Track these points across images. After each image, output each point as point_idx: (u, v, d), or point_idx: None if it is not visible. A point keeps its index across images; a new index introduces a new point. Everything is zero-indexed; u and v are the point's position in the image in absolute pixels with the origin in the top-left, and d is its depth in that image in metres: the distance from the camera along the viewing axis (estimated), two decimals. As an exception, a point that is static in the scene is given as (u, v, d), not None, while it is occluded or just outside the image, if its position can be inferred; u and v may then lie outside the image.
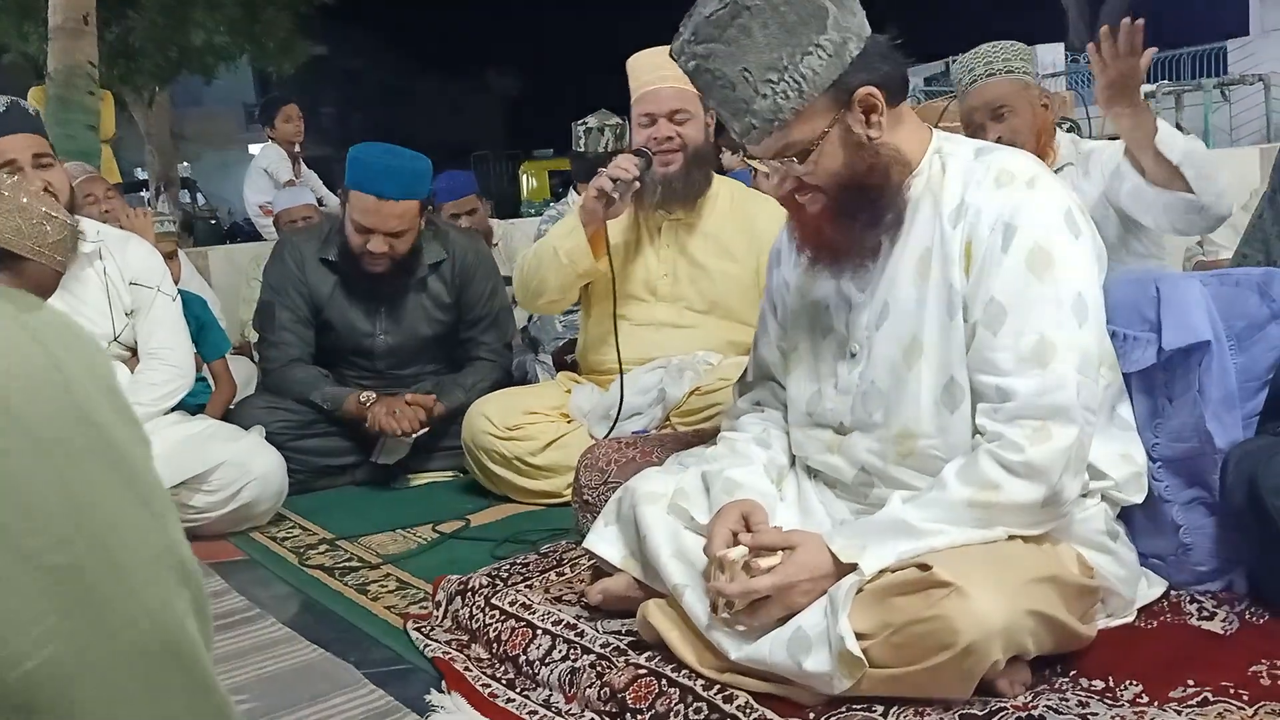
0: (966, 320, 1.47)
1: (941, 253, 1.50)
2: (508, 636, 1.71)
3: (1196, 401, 1.56)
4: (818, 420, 1.64)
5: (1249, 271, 1.66)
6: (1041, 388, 1.39)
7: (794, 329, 1.70)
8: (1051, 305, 1.42)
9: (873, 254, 1.54)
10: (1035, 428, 1.39)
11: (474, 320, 3.15)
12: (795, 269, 1.70)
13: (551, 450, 2.66)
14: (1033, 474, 1.38)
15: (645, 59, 2.63)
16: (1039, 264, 1.42)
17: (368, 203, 2.86)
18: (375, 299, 3.07)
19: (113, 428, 0.60)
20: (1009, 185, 1.47)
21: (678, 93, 2.57)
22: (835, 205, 1.51)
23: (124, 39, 11.15)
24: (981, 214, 1.46)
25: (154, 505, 0.62)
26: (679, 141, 2.58)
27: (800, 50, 1.41)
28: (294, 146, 5.69)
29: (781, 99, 1.43)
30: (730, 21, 1.41)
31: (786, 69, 1.41)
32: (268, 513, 2.65)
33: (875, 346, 1.55)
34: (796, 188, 1.52)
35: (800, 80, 1.42)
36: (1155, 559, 1.63)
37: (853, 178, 1.49)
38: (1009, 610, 1.28)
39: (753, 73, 1.42)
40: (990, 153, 1.54)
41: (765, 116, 1.44)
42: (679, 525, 1.61)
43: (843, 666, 1.31)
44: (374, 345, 3.10)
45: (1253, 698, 1.31)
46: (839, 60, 1.43)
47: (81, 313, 2.59)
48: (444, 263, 3.08)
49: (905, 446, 1.53)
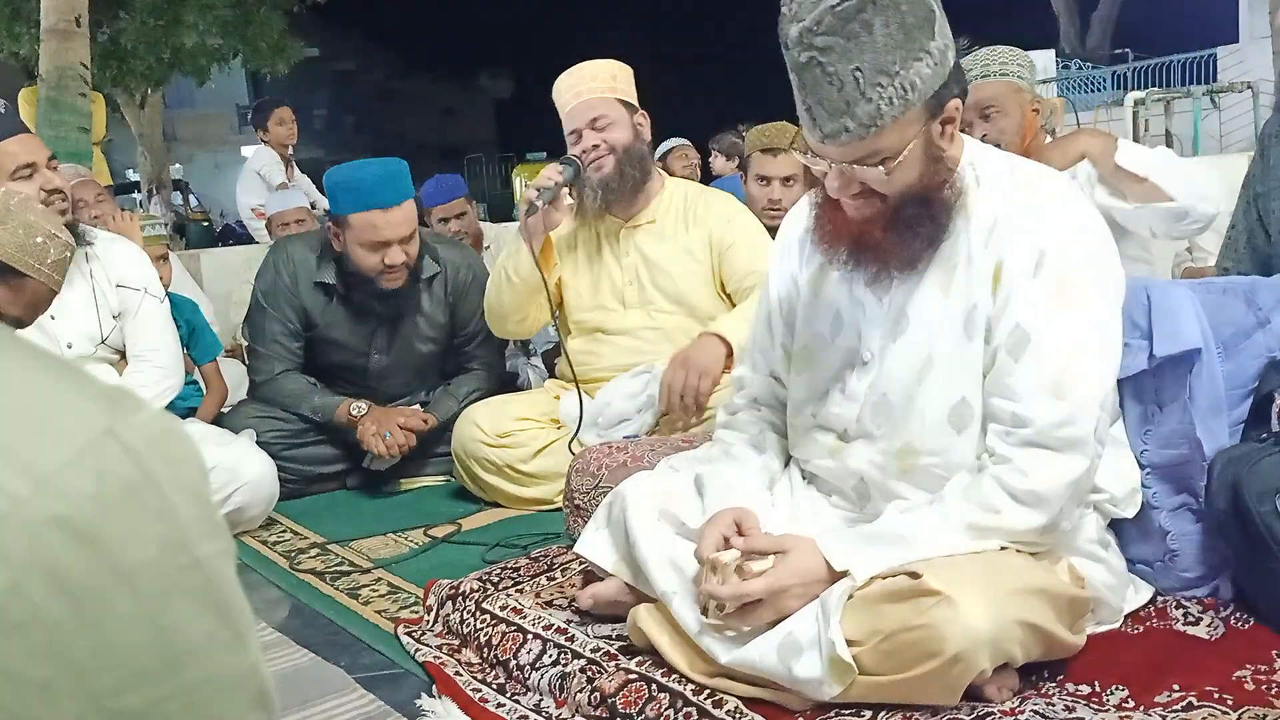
0: (988, 342, 1.45)
1: (968, 271, 1.47)
2: (498, 641, 1.72)
3: (1186, 408, 1.57)
4: (821, 424, 1.63)
5: (1236, 280, 1.67)
6: (1060, 419, 1.38)
7: (802, 329, 1.67)
8: (1077, 337, 1.40)
9: (911, 265, 1.50)
10: (1045, 457, 1.38)
11: (468, 336, 3.13)
12: (806, 268, 1.66)
13: (542, 457, 2.67)
14: (1036, 502, 1.38)
15: (562, 84, 2.71)
16: (1068, 294, 1.41)
17: (373, 218, 2.80)
18: (371, 321, 3.02)
19: (202, 546, 0.56)
20: (1044, 209, 1.45)
21: (591, 103, 2.65)
22: (896, 214, 1.45)
23: (116, 41, 11.14)
24: (1014, 237, 1.44)
25: (237, 626, 0.57)
26: (605, 146, 2.64)
27: (912, 55, 1.35)
28: (287, 149, 5.69)
29: (885, 105, 1.35)
30: (855, 14, 1.32)
31: (898, 74, 1.35)
32: (258, 517, 2.65)
33: (889, 358, 1.53)
34: (857, 193, 1.46)
35: (908, 88, 1.36)
36: (1142, 565, 1.64)
37: (925, 189, 1.44)
38: (997, 620, 1.29)
39: (865, 74, 1.34)
40: (1025, 172, 1.52)
41: (864, 121, 1.36)
42: (669, 531, 1.62)
43: (833, 672, 1.31)
44: (368, 365, 3.07)
45: (1237, 702, 1.32)
46: (942, 69, 1.38)
47: (69, 315, 2.59)
48: (437, 276, 3.05)
49: (907, 462, 1.52)
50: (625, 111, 2.68)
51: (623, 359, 2.70)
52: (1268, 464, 1.47)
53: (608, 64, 2.73)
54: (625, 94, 2.71)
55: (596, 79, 2.68)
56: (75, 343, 2.60)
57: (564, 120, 2.71)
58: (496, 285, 2.73)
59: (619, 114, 2.67)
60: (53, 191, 2.44)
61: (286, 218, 4.40)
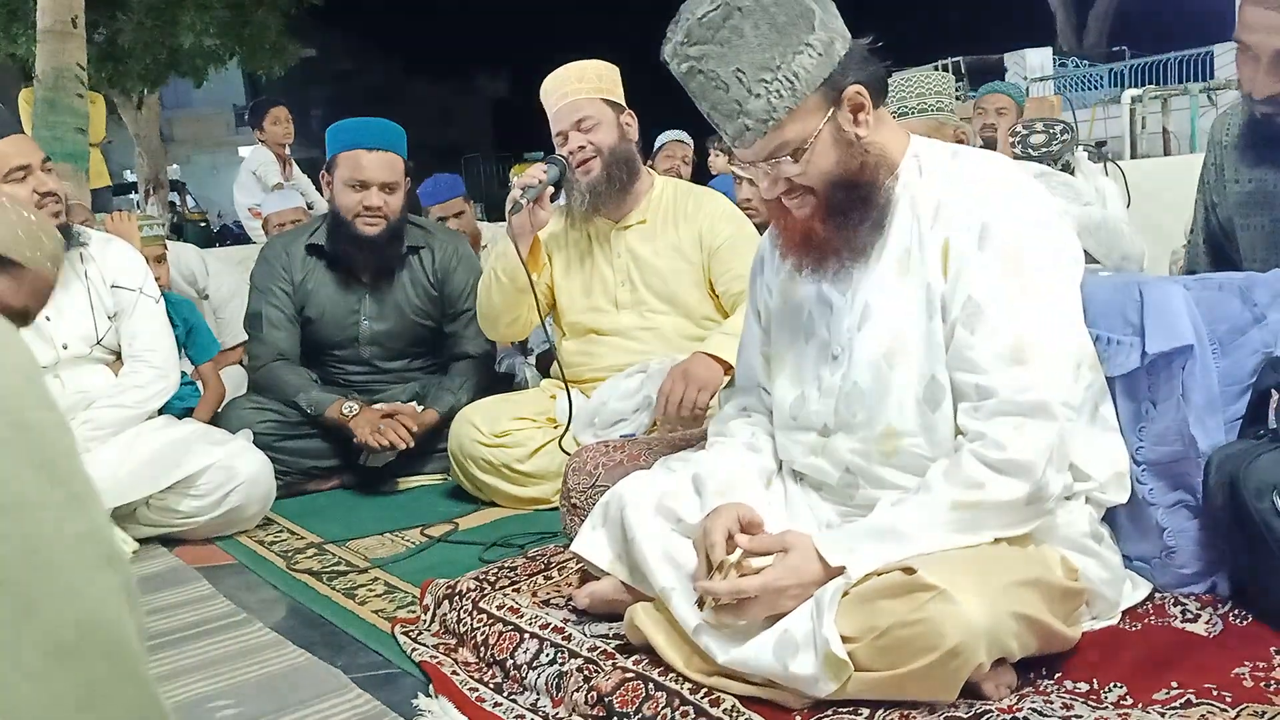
0: (945, 320, 1.48)
1: (920, 253, 1.51)
2: (495, 640, 1.71)
3: (1180, 405, 1.57)
4: (802, 424, 1.65)
5: (1231, 276, 1.67)
6: (1020, 385, 1.41)
7: (778, 334, 1.71)
8: (1028, 303, 1.43)
9: (861, 253, 1.55)
10: (1016, 424, 1.40)
11: (456, 314, 3.17)
12: (778, 275, 1.71)
13: (539, 457, 2.67)
14: (1016, 470, 1.39)
15: (549, 85, 2.72)
16: (1015, 263, 1.44)
17: (355, 157, 2.95)
18: (360, 285, 3.10)
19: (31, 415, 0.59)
20: (985, 186, 1.49)
21: (577, 104, 2.66)
22: (827, 205, 1.52)
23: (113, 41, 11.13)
24: (958, 214, 1.48)
25: (75, 490, 0.61)
26: (592, 148, 2.65)
27: (791, 49, 1.43)
28: (283, 149, 5.69)
29: (775, 98, 1.44)
30: (722, 22, 1.42)
31: (779, 68, 1.42)
32: (255, 516, 2.64)
33: (856, 348, 1.57)
34: (787, 190, 1.52)
35: (793, 79, 1.43)
36: (1140, 562, 1.64)
37: (844, 176, 1.50)
38: (993, 613, 1.29)
39: (746, 73, 1.43)
40: (966, 156, 1.56)
41: (759, 116, 1.45)
42: (666, 528, 1.62)
43: (829, 669, 1.31)
44: (359, 333, 3.11)
45: (1236, 700, 1.32)
46: (829, 59, 1.45)
47: (64, 316, 2.58)
48: (423, 249, 3.13)
49: (889, 446, 1.54)
50: (612, 112, 2.68)
51: (617, 359, 2.71)
52: (1265, 460, 1.47)
53: (593, 64, 2.73)
54: (611, 94, 2.71)
55: (583, 79, 2.68)
56: (71, 343, 2.60)
57: (551, 121, 2.71)
58: (487, 286, 2.74)
59: (605, 114, 2.67)
60: (46, 194, 2.44)
61: (283, 218, 4.41)
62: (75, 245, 2.59)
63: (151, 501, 2.53)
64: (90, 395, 2.60)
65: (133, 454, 2.53)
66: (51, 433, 0.61)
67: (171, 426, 2.70)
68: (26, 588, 0.57)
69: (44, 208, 2.45)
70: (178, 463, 2.52)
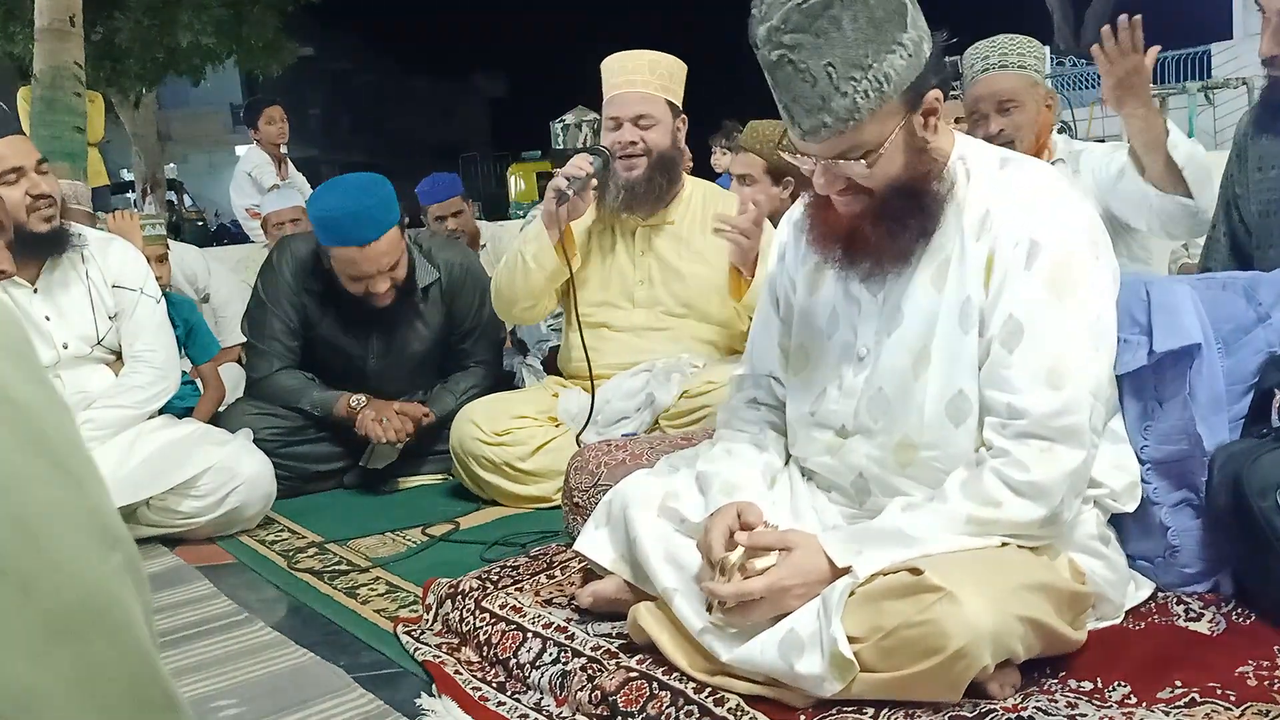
0: (982, 335, 1.46)
1: (961, 264, 1.48)
2: (498, 639, 1.71)
3: (1186, 404, 1.57)
4: (819, 421, 1.63)
5: (1235, 275, 1.67)
6: (1055, 410, 1.39)
7: (799, 327, 1.68)
8: (1070, 327, 1.41)
9: (903, 259, 1.51)
10: (1043, 448, 1.39)
11: (465, 332, 3.13)
12: (802, 266, 1.67)
13: (541, 455, 2.66)
14: (1036, 494, 1.38)
15: (616, 62, 2.65)
16: (1061, 285, 1.41)
17: (351, 254, 2.79)
18: (368, 325, 3.01)
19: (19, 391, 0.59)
20: (1035, 201, 1.46)
21: (644, 98, 2.61)
22: (883, 208, 1.47)
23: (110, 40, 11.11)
24: (1006, 228, 1.44)
25: (70, 468, 0.61)
26: (643, 146, 2.61)
27: (885, 48, 1.37)
28: (278, 148, 5.67)
29: (861, 98, 1.37)
30: (823, 11, 1.35)
31: (871, 66, 1.36)
32: (256, 516, 2.64)
33: (884, 353, 1.54)
34: (843, 189, 1.48)
35: (883, 80, 1.37)
36: (1143, 561, 1.64)
37: (908, 181, 1.46)
38: (999, 616, 1.28)
39: (837, 68, 1.36)
40: (1015, 165, 1.52)
41: (841, 115, 1.38)
42: (669, 528, 1.61)
43: (834, 669, 1.31)
44: (365, 368, 3.06)
45: (1239, 698, 1.32)
46: (917, 60, 1.40)
47: (65, 316, 2.58)
48: (435, 283, 3.04)
49: (905, 456, 1.52)
50: (670, 114, 2.64)
51: (624, 357, 2.69)
52: (1268, 459, 1.47)
53: (668, 59, 2.67)
54: (674, 95, 2.67)
55: (654, 72, 2.62)
56: (71, 343, 2.59)
57: (607, 102, 2.65)
58: (510, 270, 2.67)
59: (665, 115, 2.63)
60: (39, 196, 2.43)
61: (282, 217, 4.40)
62: (73, 247, 2.58)
63: (152, 502, 2.52)
64: (90, 395, 2.60)
65: (133, 455, 2.53)
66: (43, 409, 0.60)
67: (172, 426, 2.70)
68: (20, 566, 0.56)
69: (37, 210, 2.44)
70: (179, 464, 2.51)
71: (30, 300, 2.56)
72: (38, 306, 2.57)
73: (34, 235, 2.47)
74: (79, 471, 0.62)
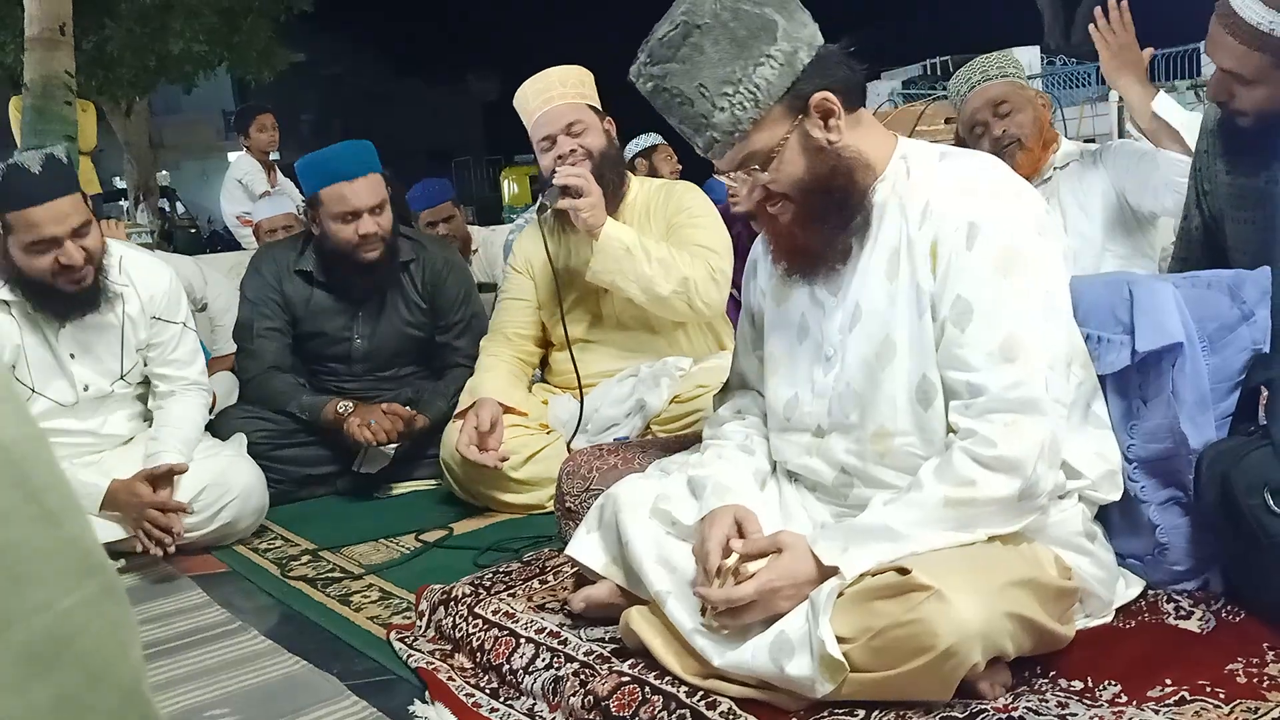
0: (935, 319, 1.49)
1: (909, 254, 1.52)
2: (491, 645, 1.71)
3: (1170, 403, 1.57)
4: (795, 424, 1.66)
5: (1219, 273, 1.68)
6: (1011, 382, 1.41)
7: (771, 336, 1.72)
8: (1018, 302, 1.44)
9: (843, 257, 1.57)
10: (1007, 422, 1.40)
11: (448, 325, 3.16)
12: (770, 279, 1.72)
13: (532, 464, 2.65)
14: (1007, 467, 1.40)
15: (528, 89, 2.71)
16: (1005, 262, 1.45)
17: (341, 190, 2.89)
18: (352, 304, 3.07)
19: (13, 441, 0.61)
20: (972, 187, 1.50)
21: (569, 107, 2.65)
22: (804, 211, 1.54)
23: (101, 48, 11.11)
24: (947, 214, 1.49)
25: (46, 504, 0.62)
26: (583, 151, 2.63)
27: (752, 62, 1.45)
28: (268, 155, 5.67)
29: (739, 110, 1.47)
30: (682, 41, 1.46)
31: (740, 81, 1.45)
32: (248, 529, 2.63)
33: (849, 349, 1.57)
34: (765, 198, 1.55)
35: (755, 90, 1.46)
36: (1132, 559, 1.65)
37: (816, 181, 1.52)
38: (987, 613, 1.29)
39: (708, 87, 1.46)
40: (955, 157, 1.57)
41: (725, 129, 1.48)
42: (661, 532, 1.62)
43: (825, 670, 1.32)
44: (351, 350, 3.10)
45: (1229, 696, 1.33)
46: (791, 69, 1.47)
47: (90, 352, 2.54)
48: (414, 262, 3.11)
49: (882, 445, 1.54)
50: (596, 117, 2.68)
51: (608, 364, 2.71)
52: (1256, 457, 1.47)
53: (574, 70, 2.73)
54: (593, 99, 2.71)
55: (566, 84, 2.67)
56: (92, 384, 2.56)
57: (532, 129, 2.69)
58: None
59: (592, 119, 2.66)
60: (67, 268, 2.34)
61: (275, 223, 4.40)
62: (107, 300, 2.49)
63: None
64: (112, 436, 2.61)
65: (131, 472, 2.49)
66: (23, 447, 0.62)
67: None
68: None
69: (63, 275, 2.36)
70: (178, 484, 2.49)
71: (57, 336, 2.51)
72: (64, 343, 2.52)
73: (62, 293, 2.42)
74: (57, 505, 0.63)
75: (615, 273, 2.54)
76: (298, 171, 3.00)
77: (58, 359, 2.51)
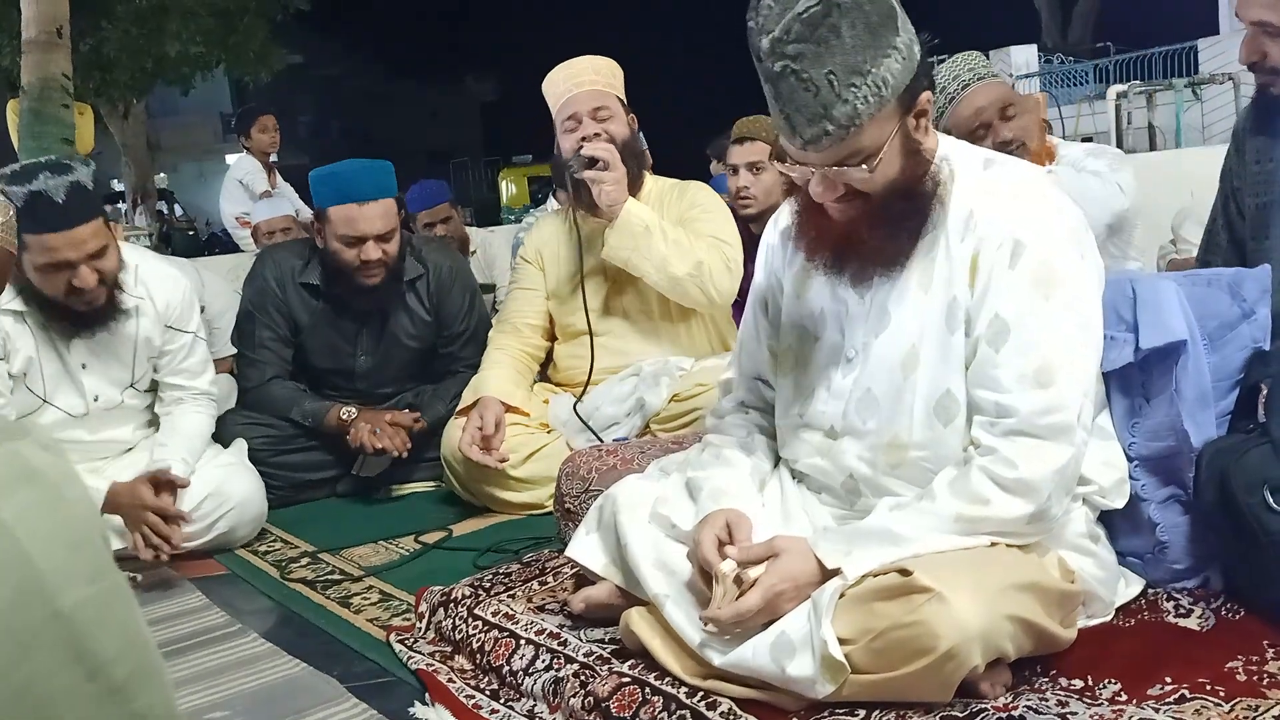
0: (969, 335, 1.46)
1: (947, 264, 1.48)
2: (491, 647, 1.71)
3: (1173, 400, 1.57)
4: (809, 422, 1.63)
5: (1220, 272, 1.68)
6: (1043, 407, 1.39)
7: (787, 330, 1.68)
8: (1057, 326, 1.42)
9: (895, 262, 1.51)
10: (1031, 446, 1.39)
11: (452, 336, 3.12)
12: (790, 268, 1.68)
13: (532, 462, 2.66)
14: (1024, 490, 1.39)
15: (559, 73, 2.70)
16: (1046, 283, 1.42)
17: (349, 212, 2.82)
18: (356, 320, 3.03)
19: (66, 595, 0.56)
20: (1019, 200, 1.46)
21: (597, 93, 2.65)
22: (880, 212, 1.47)
23: (98, 50, 11.10)
24: (990, 228, 1.45)
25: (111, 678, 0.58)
26: (606, 137, 2.62)
27: (881, 53, 1.37)
28: (268, 157, 5.66)
29: (861, 104, 1.37)
30: (822, 20, 1.34)
31: (869, 72, 1.36)
32: (246, 537, 2.62)
33: (873, 354, 1.54)
34: (842, 195, 1.47)
35: (880, 84, 1.37)
36: (1132, 557, 1.65)
37: (906, 184, 1.46)
38: (988, 616, 1.29)
39: (838, 76, 1.36)
40: (999, 165, 1.53)
41: (842, 122, 1.37)
42: (660, 534, 1.61)
43: (826, 671, 1.31)
44: (354, 366, 3.07)
45: (1229, 694, 1.32)
46: (910, 63, 1.40)
47: (103, 364, 2.53)
48: (421, 278, 3.05)
49: (895, 456, 1.52)
50: (621, 108, 2.69)
51: (610, 361, 2.71)
52: (1255, 455, 1.48)
53: (606, 60, 2.73)
54: (620, 92, 2.72)
55: (598, 72, 2.68)
56: (102, 394, 2.55)
57: (557, 110, 2.67)
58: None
59: (618, 109, 2.67)
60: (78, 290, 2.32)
61: (273, 225, 4.39)
62: (120, 315, 2.47)
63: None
64: (117, 443, 2.60)
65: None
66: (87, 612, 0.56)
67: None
68: None
69: (75, 296, 2.34)
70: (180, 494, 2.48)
71: (69, 347, 2.49)
72: (76, 353, 2.50)
73: (73, 311, 2.41)
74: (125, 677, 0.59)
75: (632, 250, 2.55)
76: (310, 181, 2.93)
77: (69, 370, 2.50)
